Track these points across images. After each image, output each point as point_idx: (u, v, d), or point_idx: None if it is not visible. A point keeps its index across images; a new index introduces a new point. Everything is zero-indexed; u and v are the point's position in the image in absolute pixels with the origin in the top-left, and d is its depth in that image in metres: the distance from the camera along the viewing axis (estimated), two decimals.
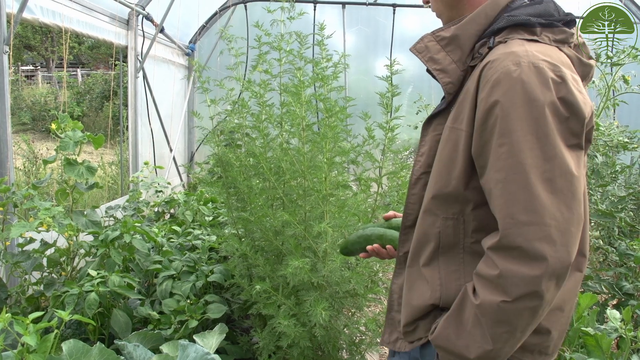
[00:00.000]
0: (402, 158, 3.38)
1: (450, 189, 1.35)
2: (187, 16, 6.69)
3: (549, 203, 1.17)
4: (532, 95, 1.19)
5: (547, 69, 1.21)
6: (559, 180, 1.18)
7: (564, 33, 1.36)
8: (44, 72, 25.28)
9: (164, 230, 4.21)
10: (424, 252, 1.43)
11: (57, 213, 3.19)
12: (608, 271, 3.70)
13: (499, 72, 1.22)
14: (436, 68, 1.41)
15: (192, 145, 7.73)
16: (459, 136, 1.32)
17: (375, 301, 3.28)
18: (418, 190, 1.48)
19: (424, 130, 1.50)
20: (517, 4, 1.41)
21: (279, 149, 3.04)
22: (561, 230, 1.17)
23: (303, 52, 3.06)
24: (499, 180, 1.21)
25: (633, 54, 3.10)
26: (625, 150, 3.61)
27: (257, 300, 3.05)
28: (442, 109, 1.44)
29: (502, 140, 1.20)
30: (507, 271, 1.18)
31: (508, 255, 1.19)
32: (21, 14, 3.60)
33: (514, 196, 1.18)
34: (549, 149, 1.18)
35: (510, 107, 1.19)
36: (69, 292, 3.00)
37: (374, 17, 7.69)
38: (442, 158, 1.37)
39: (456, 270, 1.38)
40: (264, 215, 3.07)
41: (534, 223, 1.16)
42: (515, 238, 1.17)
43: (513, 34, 1.32)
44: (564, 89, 1.21)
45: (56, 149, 3.49)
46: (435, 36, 1.43)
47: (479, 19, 1.40)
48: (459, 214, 1.36)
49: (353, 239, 1.84)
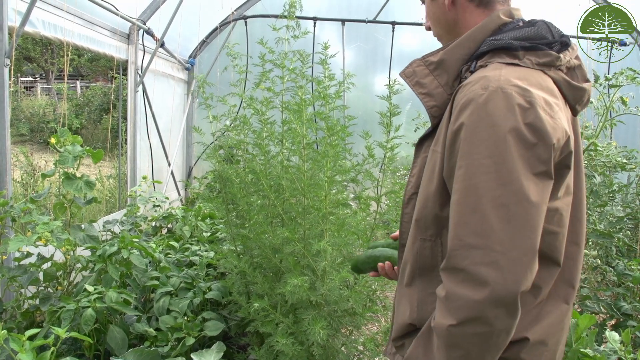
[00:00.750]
0: (399, 175, 3.39)
1: (427, 210, 1.36)
2: (188, 31, 6.73)
3: (499, 229, 1.15)
4: (494, 120, 1.17)
5: (516, 94, 1.19)
6: (514, 207, 1.15)
7: (548, 56, 1.33)
8: (43, 84, 25.32)
9: (162, 246, 4.20)
10: (406, 273, 1.45)
11: (55, 228, 3.18)
12: (606, 291, 3.69)
13: (466, 97, 1.23)
14: (421, 92, 1.43)
15: (191, 159, 7.73)
16: (436, 159, 1.33)
17: (373, 320, 3.27)
18: (410, 209, 1.49)
19: (416, 151, 1.53)
20: (509, 27, 1.41)
21: (279, 167, 3.05)
22: (510, 258, 1.14)
23: (305, 71, 3.08)
24: (454, 202, 1.21)
25: (631, 76, 3.13)
26: (623, 170, 3.62)
27: (255, 318, 3.04)
28: (430, 131, 1.47)
29: (461, 163, 1.20)
30: (452, 293, 1.18)
31: (454, 277, 1.18)
32: (23, 27, 3.61)
33: (465, 218, 1.18)
34: (505, 174, 1.16)
35: (472, 131, 1.19)
36: (65, 307, 2.98)
37: (373, 34, 7.74)
38: (424, 180, 1.39)
39: (433, 293, 1.36)
40: (263, 232, 3.06)
41: (480, 247, 1.15)
42: (461, 260, 1.17)
43: (495, 57, 1.33)
44: (532, 115, 1.18)
45: (55, 163, 3.49)
46: (424, 61, 1.47)
47: (466, 43, 1.41)
48: (436, 237, 1.36)
49: (363, 259, 1.88)
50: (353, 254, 3.00)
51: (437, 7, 1.52)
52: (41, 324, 3.43)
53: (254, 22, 7.43)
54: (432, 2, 1.53)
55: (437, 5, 1.52)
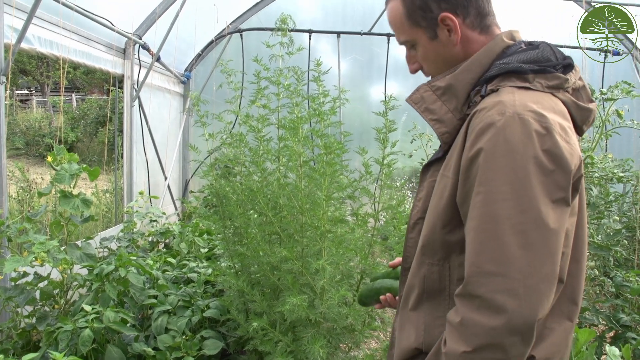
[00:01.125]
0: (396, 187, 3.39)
1: (435, 235, 1.35)
2: (183, 44, 6.74)
3: (518, 256, 1.14)
4: (512, 146, 1.17)
5: (532, 120, 1.19)
6: (533, 234, 1.15)
7: (557, 79, 1.33)
8: (38, 97, 25.30)
9: (159, 262, 4.18)
10: (412, 297, 1.44)
11: (51, 247, 3.17)
12: (605, 302, 3.69)
13: (483, 122, 1.22)
14: (432, 118, 1.41)
15: (187, 173, 7.73)
16: (446, 184, 1.33)
17: (372, 337, 3.26)
18: (415, 234, 1.48)
19: (422, 175, 1.52)
20: (513, 49, 1.41)
21: (276, 184, 3.04)
22: (528, 286, 1.14)
23: (300, 89, 3.08)
24: (472, 228, 1.20)
25: (626, 90, 3.14)
26: (619, 182, 3.64)
27: (254, 336, 3.02)
28: (439, 156, 1.45)
29: (479, 189, 1.20)
30: (468, 320, 1.17)
31: (470, 304, 1.18)
32: (19, 44, 3.61)
33: (483, 245, 1.17)
34: (524, 201, 1.16)
35: (491, 157, 1.19)
36: (62, 328, 2.96)
37: (368, 46, 7.77)
38: (432, 205, 1.39)
39: (440, 316, 1.37)
40: (261, 249, 3.06)
41: (498, 274, 1.14)
42: (478, 287, 1.16)
43: (505, 81, 1.32)
44: (549, 141, 1.19)
45: (51, 181, 3.48)
46: (430, 86, 1.44)
47: (473, 67, 1.40)
48: (444, 261, 1.36)
49: (366, 293, 1.89)
50: (351, 272, 3.00)
51: (441, 45, 1.46)
52: (38, 342, 3.41)
53: (249, 35, 7.46)
54: (431, 42, 1.46)
55: (440, 45, 1.46)
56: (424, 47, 1.48)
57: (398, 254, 3.16)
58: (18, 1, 3.61)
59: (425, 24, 1.44)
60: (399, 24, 1.48)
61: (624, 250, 3.81)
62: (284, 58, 3.23)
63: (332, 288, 2.81)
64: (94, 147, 16.63)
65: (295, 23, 3.31)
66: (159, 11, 5.67)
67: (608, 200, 3.84)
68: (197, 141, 3.37)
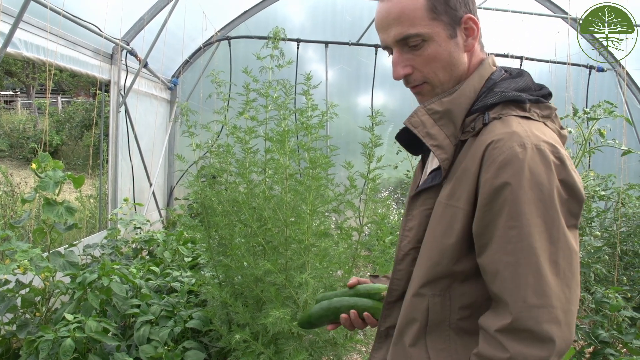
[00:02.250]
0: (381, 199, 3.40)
1: (442, 266, 1.33)
2: (171, 51, 6.74)
3: (555, 285, 1.19)
4: (538, 179, 1.20)
5: (548, 151, 1.22)
6: (562, 262, 1.21)
7: (549, 109, 1.37)
8: (23, 99, 25.06)
9: (142, 270, 4.16)
10: (409, 331, 1.40)
11: (34, 255, 3.14)
12: (584, 318, 3.74)
13: (505, 154, 1.22)
14: (433, 144, 1.37)
15: (172, 179, 7.70)
16: (455, 213, 1.31)
17: (354, 350, 3.27)
18: (405, 266, 1.45)
19: (411, 204, 1.47)
20: (497, 75, 1.42)
21: (261, 196, 3.04)
22: (565, 311, 1.19)
23: (288, 103, 3.09)
24: (510, 264, 1.21)
25: (608, 110, 3.19)
26: (601, 200, 3.69)
27: (237, 347, 3.02)
28: (435, 184, 1.40)
29: (513, 223, 1.20)
30: (519, 354, 1.18)
31: (518, 338, 1.19)
32: (5, 49, 3.58)
33: (525, 279, 1.19)
34: (554, 231, 1.20)
35: (519, 190, 1.20)
36: (43, 337, 2.94)
37: (356, 56, 7.83)
38: (435, 235, 1.35)
39: (444, 348, 1.36)
40: (245, 261, 3.06)
41: (543, 306, 1.18)
42: (526, 321, 1.18)
43: (506, 110, 1.32)
44: (564, 172, 1.23)
45: (35, 188, 3.46)
46: (427, 109, 1.39)
47: (468, 93, 1.39)
48: (445, 290, 1.35)
49: (318, 312, 1.71)
50: (334, 285, 3.00)
51: (456, 48, 1.39)
52: (18, 350, 3.38)
53: (237, 43, 7.47)
54: (449, 42, 1.37)
55: (456, 46, 1.39)
56: (438, 46, 1.37)
57: (381, 267, 3.18)
58: (5, 5, 3.59)
59: (447, 19, 1.36)
60: (413, 15, 1.34)
61: (604, 266, 3.86)
62: (274, 70, 3.24)
63: (314, 301, 2.81)
64: (79, 151, 16.48)
65: (285, 35, 3.33)
66: (147, 17, 5.67)
67: (590, 216, 3.89)
68: (183, 149, 3.38)
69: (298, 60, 7.25)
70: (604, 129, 3.39)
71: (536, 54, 7.50)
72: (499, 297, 1.23)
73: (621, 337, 3.47)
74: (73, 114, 18.30)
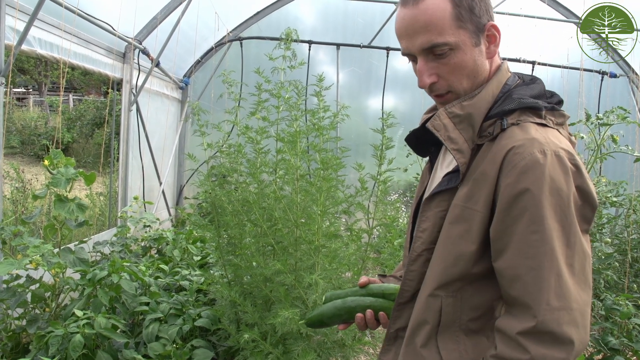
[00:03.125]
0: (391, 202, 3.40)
1: (457, 268, 1.34)
2: (183, 51, 6.76)
3: (572, 288, 1.22)
4: (558, 184, 1.23)
5: (566, 158, 1.25)
6: (577, 265, 1.24)
7: (563, 117, 1.40)
8: (35, 96, 25.23)
9: (152, 269, 4.18)
10: (421, 333, 1.40)
11: (46, 251, 3.16)
12: (594, 325, 3.71)
13: (526, 160, 1.24)
14: (454, 148, 1.38)
15: (182, 178, 7.73)
16: (472, 216, 1.32)
17: (362, 352, 3.26)
18: (418, 267, 1.46)
19: (426, 205, 1.46)
20: (511, 81, 1.44)
21: (272, 197, 3.05)
22: (581, 312, 1.22)
23: (300, 104, 3.09)
24: (532, 267, 1.22)
25: (621, 115, 3.17)
26: (612, 206, 3.67)
27: (245, 347, 3.02)
28: (450, 187, 1.40)
29: (534, 228, 1.22)
30: (539, 356, 1.20)
31: (539, 340, 1.21)
32: (20, 46, 3.61)
33: (548, 283, 1.21)
34: (571, 236, 1.23)
35: (541, 196, 1.22)
36: (53, 332, 2.96)
37: (367, 58, 7.82)
38: (450, 237, 1.36)
39: (454, 349, 1.37)
40: (255, 260, 3.06)
41: (564, 308, 1.20)
42: (549, 323, 1.20)
43: (524, 116, 1.34)
44: (579, 178, 1.26)
45: (47, 184, 3.48)
46: (448, 113, 1.40)
47: (487, 97, 1.40)
48: (457, 292, 1.36)
49: (331, 311, 1.69)
50: (343, 286, 3.00)
51: (481, 56, 1.40)
52: (27, 345, 3.40)
53: (249, 43, 7.49)
54: (474, 50, 1.37)
55: (480, 54, 1.40)
56: (464, 54, 1.36)
57: (390, 270, 3.17)
58: (20, 3, 3.62)
59: (472, 27, 1.36)
60: (441, 24, 1.33)
61: (615, 273, 3.83)
62: (285, 72, 3.25)
63: (323, 300, 2.81)
64: (90, 149, 16.56)
65: (298, 35, 3.34)
66: (160, 17, 5.69)
67: (600, 222, 3.87)
68: (193, 148, 3.38)
69: (309, 62, 7.26)
70: (616, 135, 3.38)
71: (548, 59, 7.47)
72: (519, 300, 1.25)
73: (631, 345, 3.44)
74: (84, 111, 18.39)
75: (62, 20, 4.19)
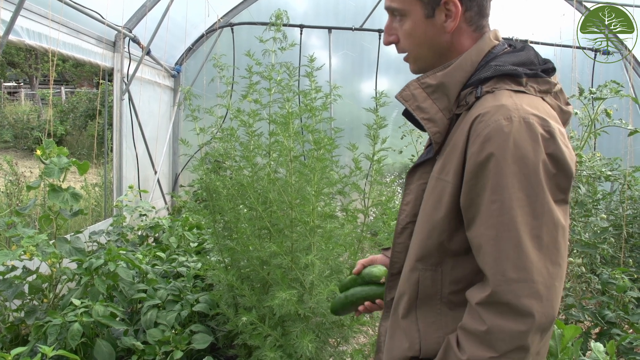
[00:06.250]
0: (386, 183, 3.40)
1: (432, 240, 1.34)
2: (174, 38, 6.71)
3: (537, 260, 1.18)
4: (523, 152, 1.19)
5: (537, 124, 1.21)
6: (546, 237, 1.19)
7: (547, 84, 1.36)
8: (27, 89, 25.07)
9: (149, 256, 4.18)
10: (402, 304, 1.42)
11: (40, 241, 3.15)
12: (591, 299, 3.73)
13: (490, 127, 1.21)
14: (423, 117, 1.38)
15: (177, 167, 7.71)
16: (444, 187, 1.31)
17: (361, 332, 3.28)
18: (404, 239, 1.47)
19: (409, 178, 1.48)
20: (498, 49, 1.41)
21: (266, 179, 3.05)
22: (547, 286, 1.18)
23: (292, 84, 3.08)
24: (490, 237, 1.21)
25: (614, 89, 3.17)
26: (607, 181, 3.68)
27: (243, 330, 3.03)
28: (429, 158, 1.42)
29: (494, 197, 1.20)
30: (495, 327, 1.19)
31: (496, 311, 1.19)
32: (7, 36, 3.57)
33: (505, 254, 1.19)
34: (538, 206, 1.19)
35: (503, 163, 1.19)
36: (51, 322, 2.95)
37: (359, 41, 7.78)
38: (426, 209, 1.37)
39: (434, 322, 1.37)
40: (251, 244, 3.06)
41: (523, 280, 1.17)
42: (505, 295, 1.18)
43: (500, 84, 1.31)
44: (553, 145, 1.21)
45: (40, 175, 3.46)
46: (420, 83, 1.41)
47: (465, 66, 1.38)
48: (436, 265, 1.35)
49: (339, 305, 1.81)
50: (340, 267, 3.01)
51: (433, 27, 1.40)
52: (26, 336, 3.40)
53: (240, 29, 7.44)
54: (424, 21, 1.39)
55: (432, 26, 1.40)
56: (414, 23, 1.41)
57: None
58: None
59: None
60: None
61: (611, 248, 3.85)
62: (277, 53, 3.23)
63: (321, 283, 2.82)
64: (84, 141, 16.49)
65: (288, 18, 3.32)
66: (150, 4, 5.64)
67: (596, 198, 3.87)
68: (187, 135, 3.38)
69: (301, 47, 7.20)
70: (610, 109, 3.37)
71: (541, 37, 7.44)
72: (482, 270, 1.24)
73: (627, 318, 3.47)
74: (77, 104, 18.29)
75: (49, 9, 4.15)
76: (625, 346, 3.16)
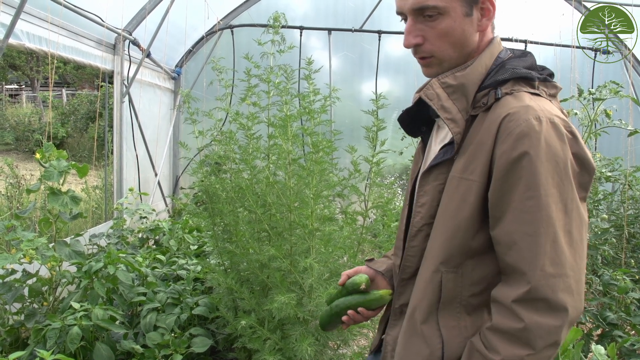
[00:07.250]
0: (387, 185, 3.38)
1: (456, 241, 1.33)
2: (174, 40, 6.71)
3: (569, 254, 1.22)
4: (554, 150, 1.22)
5: (561, 125, 1.25)
6: (575, 232, 1.24)
7: (555, 88, 1.40)
8: (28, 92, 25.09)
9: (148, 259, 4.18)
10: (421, 309, 1.39)
11: (40, 245, 3.15)
12: (592, 301, 3.72)
13: (522, 126, 1.23)
14: (447, 117, 1.37)
15: (177, 169, 7.70)
16: (469, 187, 1.31)
17: (361, 335, 3.27)
18: (418, 242, 1.45)
19: (423, 179, 1.45)
20: (504, 54, 1.43)
21: (265, 182, 3.04)
22: (577, 280, 1.22)
23: (290, 87, 3.07)
24: (526, 233, 1.22)
25: (614, 90, 3.16)
26: (607, 182, 3.67)
27: (243, 334, 3.02)
28: (446, 159, 1.40)
29: (530, 194, 1.22)
30: (534, 323, 1.19)
31: (533, 307, 1.20)
32: (7, 40, 3.57)
33: (543, 248, 1.20)
34: (568, 202, 1.23)
35: (537, 161, 1.21)
36: (51, 325, 2.95)
37: (359, 42, 7.77)
38: (448, 209, 1.35)
39: (455, 326, 1.36)
40: (250, 247, 3.06)
41: (559, 275, 1.20)
42: (543, 289, 1.19)
43: (517, 86, 1.34)
44: (576, 145, 1.27)
45: (40, 178, 3.46)
46: (441, 83, 1.40)
47: (480, 69, 1.40)
48: (458, 267, 1.34)
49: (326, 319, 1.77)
50: (340, 270, 3.00)
51: (471, 27, 1.39)
52: (26, 340, 3.39)
53: (240, 31, 7.44)
54: (464, 20, 1.36)
55: (470, 25, 1.38)
56: (453, 21, 1.36)
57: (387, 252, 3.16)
58: None
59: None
60: None
61: (612, 248, 3.84)
62: (275, 56, 3.23)
63: (320, 286, 2.81)
64: (84, 143, 16.48)
65: (287, 20, 3.31)
66: (149, 7, 5.64)
67: (596, 199, 3.86)
68: (187, 138, 3.37)
69: (301, 49, 7.19)
70: (610, 110, 3.36)
71: (540, 37, 7.42)
72: (514, 267, 1.24)
73: (629, 319, 3.46)
74: (78, 106, 18.29)
75: (49, 12, 4.15)
76: (628, 348, 3.14)
